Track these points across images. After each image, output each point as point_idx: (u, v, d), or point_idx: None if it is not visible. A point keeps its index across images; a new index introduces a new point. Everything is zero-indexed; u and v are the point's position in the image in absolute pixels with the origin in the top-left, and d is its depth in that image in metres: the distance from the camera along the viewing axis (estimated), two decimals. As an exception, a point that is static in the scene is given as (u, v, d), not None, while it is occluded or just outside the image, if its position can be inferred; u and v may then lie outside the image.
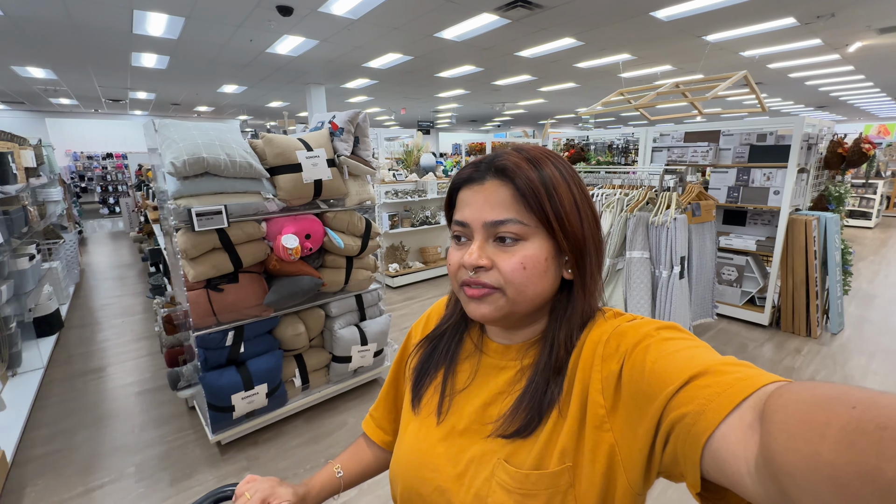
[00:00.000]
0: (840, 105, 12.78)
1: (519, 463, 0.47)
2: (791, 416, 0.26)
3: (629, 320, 0.48)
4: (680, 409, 0.35)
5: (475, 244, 0.49)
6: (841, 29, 5.51)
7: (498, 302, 0.48)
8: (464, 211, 0.50)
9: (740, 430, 0.31)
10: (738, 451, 0.30)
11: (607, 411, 0.44)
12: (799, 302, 3.29)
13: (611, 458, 0.43)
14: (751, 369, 0.35)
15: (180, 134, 1.76)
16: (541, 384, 0.48)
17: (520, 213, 0.47)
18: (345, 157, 2.19)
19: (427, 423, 0.56)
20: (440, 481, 0.51)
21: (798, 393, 0.27)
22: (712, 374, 0.35)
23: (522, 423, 0.47)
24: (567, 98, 11.43)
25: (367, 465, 0.70)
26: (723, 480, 0.32)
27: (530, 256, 0.47)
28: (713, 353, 0.40)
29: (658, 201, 2.32)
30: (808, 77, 8.54)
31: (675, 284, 2.24)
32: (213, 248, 1.86)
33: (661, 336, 0.42)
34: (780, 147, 3.21)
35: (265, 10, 4.64)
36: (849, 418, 0.23)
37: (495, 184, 0.48)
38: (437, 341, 0.61)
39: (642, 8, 4.75)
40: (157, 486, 1.83)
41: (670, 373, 0.38)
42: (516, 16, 4.92)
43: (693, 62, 7.22)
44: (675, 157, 3.72)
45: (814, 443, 0.24)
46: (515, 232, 0.47)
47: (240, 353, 2.02)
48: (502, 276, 0.47)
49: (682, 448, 0.35)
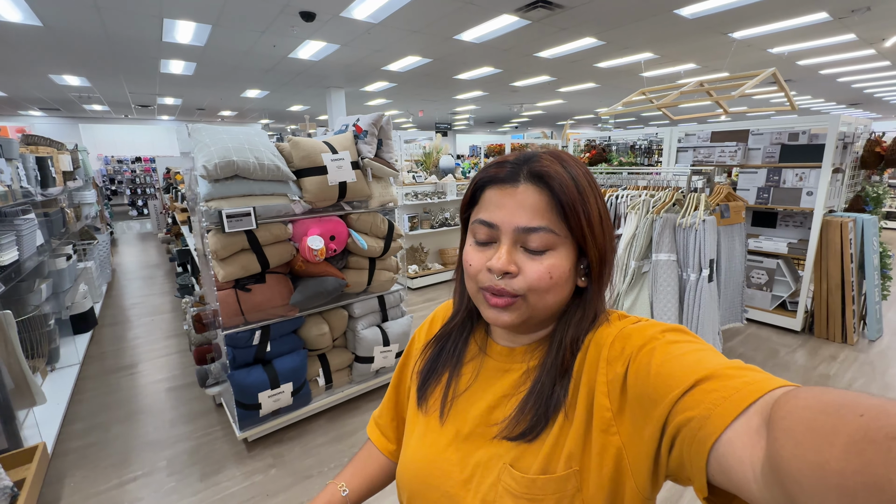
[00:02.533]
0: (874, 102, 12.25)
1: (525, 468, 0.46)
2: (798, 423, 0.26)
3: (634, 322, 0.48)
4: (685, 413, 0.35)
5: (503, 249, 0.47)
6: (877, 23, 5.29)
7: (520, 309, 0.48)
8: (493, 212, 0.49)
9: (746, 435, 0.31)
10: (745, 456, 0.30)
11: (613, 414, 0.43)
12: (834, 307, 3.16)
13: (618, 461, 0.43)
14: (758, 373, 0.35)
15: (212, 138, 1.81)
16: (546, 385, 0.48)
17: (553, 222, 0.47)
18: (368, 160, 2.22)
19: (432, 425, 0.56)
20: (447, 487, 0.51)
21: (805, 399, 0.27)
22: (718, 378, 0.35)
23: (528, 425, 0.47)
24: (586, 98, 11.30)
25: (373, 478, 0.68)
26: (729, 486, 0.32)
27: (557, 266, 0.47)
28: (719, 356, 0.39)
29: (686, 202, 2.26)
30: (841, 73, 8.22)
31: (703, 288, 2.19)
32: (241, 248, 1.91)
33: (667, 339, 0.42)
34: (813, 146, 3.10)
35: (288, 16, 4.74)
36: (857, 426, 0.23)
37: (531, 189, 0.47)
38: (443, 342, 0.60)
39: (666, 6, 4.65)
40: (187, 481, 1.88)
41: (675, 376, 0.37)
42: (536, 16, 4.89)
43: (718, 60, 7.05)
44: (702, 158, 3.63)
45: (821, 450, 0.23)
46: (547, 241, 0.47)
47: (266, 351, 2.06)
48: (527, 284, 0.47)
49: (687, 453, 0.35)
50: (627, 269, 2.34)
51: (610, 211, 2.51)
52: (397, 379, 0.69)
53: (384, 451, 0.69)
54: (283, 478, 1.89)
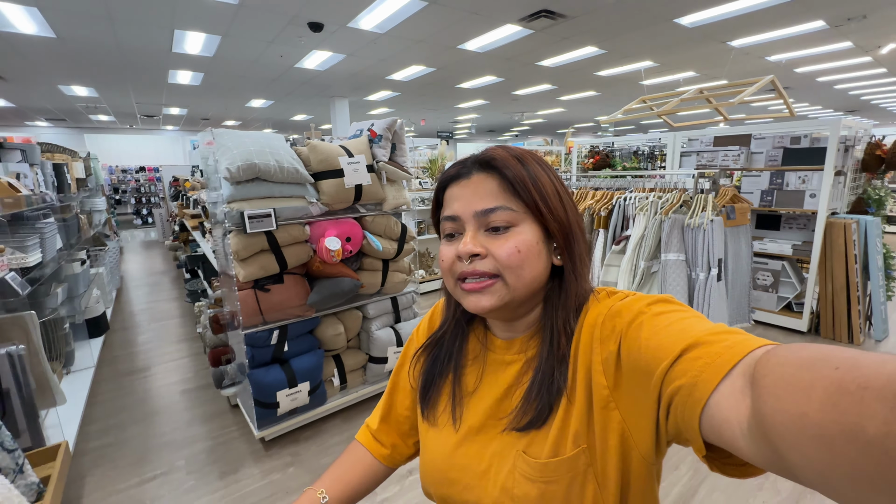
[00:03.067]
0: (872, 109, 12.40)
1: (536, 453, 0.48)
2: (779, 379, 0.27)
3: (622, 298, 0.49)
4: (675, 382, 0.37)
5: (468, 234, 0.50)
6: (873, 30, 5.40)
7: (499, 291, 0.49)
8: (452, 205, 0.52)
9: (732, 395, 0.32)
10: (732, 416, 0.32)
11: (610, 391, 0.45)
12: (839, 308, 3.20)
13: (621, 434, 0.45)
14: (739, 335, 0.37)
15: (234, 142, 1.87)
16: (547, 374, 0.49)
17: (508, 200, 0.49)
18: (383, 163, 2.27)
19: (446, 431, 0.57)
20: (468, 479, 0.53)
21: (784, 356, 0.29)
22: (703, 345, 0.37)
23: (534, 414, 0.49)
24: (587, 106, 11.43)
25: (357, 483, 0.66)
26: (721, 444, 0.34)
27: (523, 240, 0.49)
28: (704, 321, 0.41)
29: (693, 204, 2.31)
30: (838, 80, 8.35)
31: (712, 287, 2.23)
32: (261, 249, 1.95)
33: (653, 311, 0.44)
34: (815, 150, 3.16)
35: (297, 27, 4.84)
36: (832, 379, 0.24)
37: (482, 176, 0.50)
38: (437, 349, 0.61)
39: (666, 15, 4.76)
40: (206, 479, 1.90)
41: (664, 347, 0.39)
42: (539, 26, 4.99)
43: (717, 68, 7.16)
44: (705, 162, 3.69)
45: (800, 403, 0.25)
46: (506, 219, 0.49)
47: (283, 351, 2.09)
48: (498, 262, 0.48)
49: (681, 419, 0.37)
50: (637, 270, 2.38)
51: (618, 213, 2.58)
52: (393, 383, 0.70)
53: (378, 456, 0.69)
54: (302, 476, 1.91)
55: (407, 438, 0.69)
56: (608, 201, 2.66)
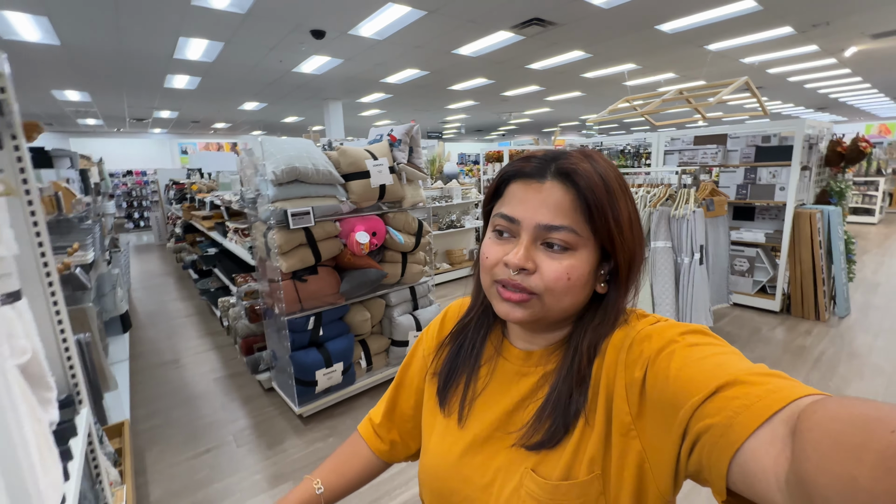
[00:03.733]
0: (840, 106, 13.07)
1: (547, 473, 0.46)
2: (825, 435, 0.25)
3: (653, 323, 0.47)
4: (707, 419, 0.35)
5: (522, 244, 0.47)
6: (836, 36, 5.84)
7: (533, 308, 0.47)
8: (515, 206, 0.48)
9: (771, 444, 0.30)
10: (768, 466, 0.30)
11: (633, 418, 0.43)
12: (807, 289, 3.56)
13: (639, 464, 0.43)
14: (783, 380, 0.34)
15: (276, 148, 2.09)
16: (563, 393, 0.47)
17: (576, 222, 0.46)
18: (403, 165, 2.52)
19: (451, 427, 0.56)
20: (468, 491, 0.51)
21: (834, 410, 0.27)
22: (742, 385, 0.34)
23: (546, 434, 0.47)
24: (572, 106, 11.80)
25: (353, 476, 0.67)
26: (750, 495, 0.32)
27: (576, 267, 0.46)
28: (743, 360, 0.39)
29: (678, 197, 2.62)
30: (807, 80, 8.86)
31: (696, 270, 2.53)
32: (300, 243, 2.18)
33: (687, 342, 0.42)
34: (783, 147, 3.52)
35: (300, 34, 5.03)
36: (888, 443, 0.22)
37: (556, 186, 0.47)
38: (461, 339, 0.59)
39: (649, 22, 5.10)
40: (257, 449, 2.13)
41: (697, 381, 0.37)
42: (531, 32, 5.28)
43: (695, 69, 7.57)
44: (686, 159, 4.02)
45: (849, 466, 0.23)
46: (567, 241, 0.46)
47: (319, 335, 2.32)
48: (543, 283, 0.46)
49: (707, 459, 0.35)
50: (629, 257, 2.68)
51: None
52: (399, 380, 0.68)
53: (375, 451, 0.68)
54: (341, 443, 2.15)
55: (407, 437, 0.68)
56: (602, 196, 2.96)
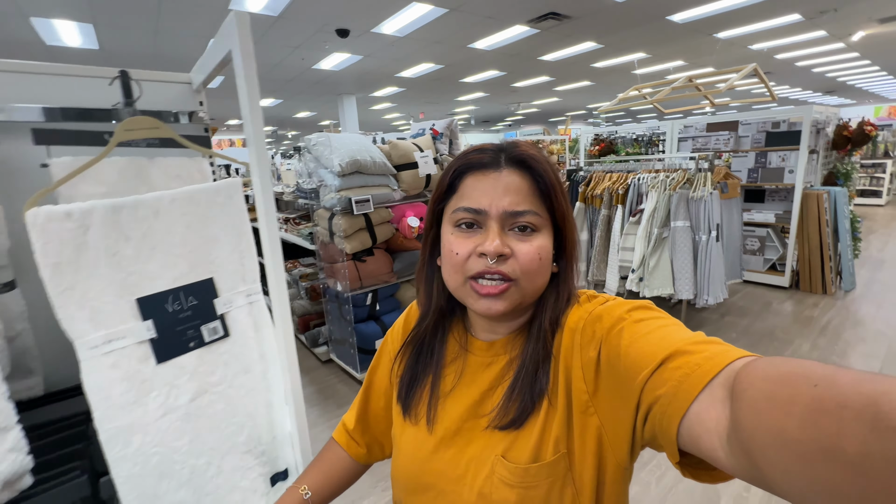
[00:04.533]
0: (848, 89, 13.08)
1: (517, 458, 0.48)
2: (759, 393, 0.28)
3: (602, 303, 0.49)
4: (655, 391, 0.37)
5: (493, 232, 0.48)
6: (843, 21, 5.97)
7: (512, 296, 0.49)
8: (477, 197, 0.49)
9: (712, 407, 0.33)
10: (711, 427, 0.32)
11: (590, 396, 0.45)
12: (815, 265, 3.80)
13: (599, 439, 0.45)
14: (719, 346, 0.37)
15: (339, 143, 2.36)
16: (531, 370, 0.49)
17: (536, 205, 0.49)
18: (445, 156, 2.78)
19: (421, 431, 0.56)
20: (442, 485, 0.52)
21: (765, 370, 0.29)
22: (683, 355, 0.37)
23: (517, 411, 0.48)
24: (580, 95, 11.93)
25: (338, 479, 0.68)
26: (698, 453, 0.34)
27: (544, 247, 0.49)
28: (683, 330, 0.42)
29: (695, 180, 2.86)
30: (815, 65, 8.96)
31: (712, 246, 2.79)
32: (360, 228, 2.46)
33: (633, 318, 0.44)
34: (792, 133, 3.73)
35: (325, 33, 5.27)
36: (812, 397, 0.24)
37: (514, 173, 0.49)
38: (419, 346, 0.59)
39: (660, 13, 5.27)
40: (328, 408, 2.43)
41: (644, 355, 0.39)
42: (546, 26, 5.48)
43: (704, 57, 7.71)
44: (700, 145, 4.25)
45: (780, 420, 0.25)
46: (533, 223, 0.48)
47: (376, 309, 2.61)
48: (519, 266, 0.48)
49: (659, 426, 0.37)
50: (651, 236, 2.93)
51: (633, 191, 3.13)
52: (368, 382, 0.68)
53: (353, 455, 0.69)
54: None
55: (382, 438, 0.68)
56: (624, 182, 3.20)
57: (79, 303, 0.66)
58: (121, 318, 0.70)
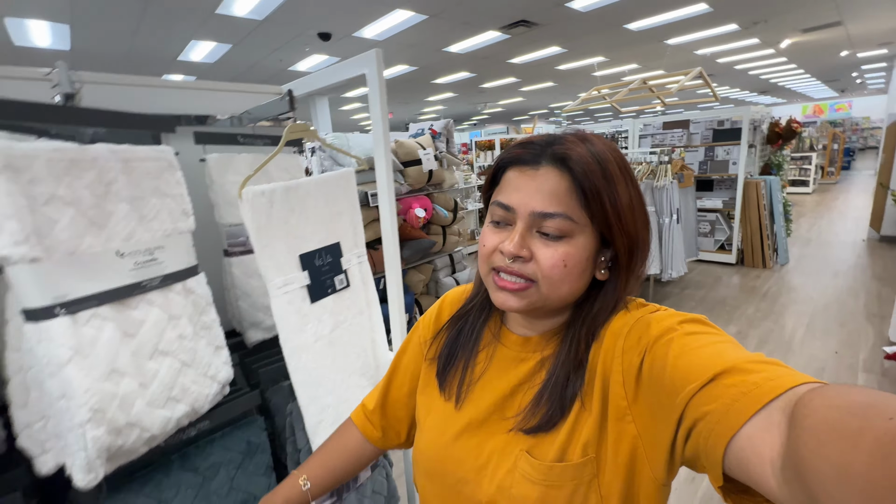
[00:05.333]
0: (779, 89, 14.48)
1: (541, 455, 0.46)
2: (822, 422, 0.25)
3: (652, 311, 0.47)
4: (703, 406, 0.35)
5: (517, 232, 0.47)
6: (773, 30, 6.78)
7: (531, 297, 0.47)
8: (510, 194, 0.48)
9: (767, 431, 0.30)
10: (764, 452, 0.30)
11: (629, 403, 0.43)
12: (755, 244, 4.41)
13: (633, 449, 0.43)
14: (780, 368, 0.34)
15: (355, 142, 2.62)
16: (561, 377, 0.48)
17: (572, 208, 0.45)
18: (444, 153, 3.09)
19: (448, 411, 0.56)
20: (462, 472, 0.51)
21: (831, 398, 0.27)
22: (739, 373, 0.34)
23: (543, 418, 0.47)
24: (543, 95, 12.54)
25: (340, 469, 0.67)
26: (746, 480, 0.32)
27: (573, 254, 0.46)
28: (739, 348, 0.39)
29: (657, 172, 3.33)
30: (751, 68, 9.95)
31: (674, 228, 3.26)
32: (373, 219, 2.72)
33: (685, 330, 0.42)
34: (734, 129, 4.32)
35: (307, 36, 5.41)
36: (884, 430, 0.22)
37: (551, 171, 0.46)
38: (461, 324, 0.60)
39: (618, 22, 5.81)
40: (351, 383, 2.68)
41: (694, 369, 0.37)
42: (517, 32, 5.88)
43: (655, 60, 8.42)
44: (658, 142, 4.79)
45: (846, 452, 0.23)
46: (563, 228, 0.45)
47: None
48: (540, 271, 0.46)
49: (703, 446, 0.35)
50: (622, 221, 3.38)
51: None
52: (394, 366, 0.68)
53: (368, 437, 0.68)
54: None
55: (399, 424, 0.68)
56: (597, 174, 3.64)
57: (270, 257, 0.93)
58: (290, 269, 0.97)
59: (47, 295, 0.62)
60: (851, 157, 14.40)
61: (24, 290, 0.61)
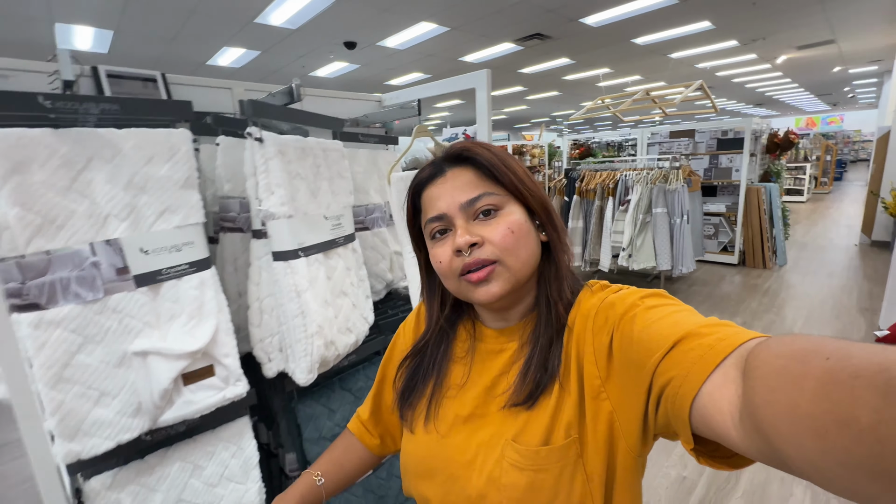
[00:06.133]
0: (774, 102, 14.97)
1: (527, 441, 0.48)
2: (770, 371, 0.28)
3: (616, 291, 0.50)
4: (667, 373, 0.37)
5: (459, 227, 0.50)
6: (770, 47, 7.16)
7: (503, 275, 0.50)
8: (435, 204, 0.52)
9: (724, 386, 0.32)
10: (723, 407, 0.32)
11: (602, 381, 0.46)
12: (756, 246, 4.72)
13: (610, 424, 0.46)
14: (731, 328, 0.37)
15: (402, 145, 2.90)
16: (545, 347, 0.50)
17: (488, 186, 0.51)
18: (477, 156, 3.37)
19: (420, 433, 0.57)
20: (452, 469, 0.53)
21: (776, 348, 0.29)
22: (695, 337, 0.37)
23: (534, 384, 0.49)
24: (547, 104, 12.91)
25: (350, 469, 0.70)
26: (712, 435, 0.34)
27: (513, 220, 0.50)
28: (695, 315, 0.42)
29: (669, 176, 3.62)
30: (748, 81, 10.37)
31: (685, 228, 3.55)
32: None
33: (646, 304, 0.44)
34: (737, 139, 4.65)
35: (333, 45, 5.70)
36: (824, 369, 0.24)
37: (457, 170, 0.52)
38: (420, 357, 0.61)
39: (626, 36, 6.15)
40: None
41: (656, 340, 0.39)
42: (531, 44, 6.21)
43: (658, 72, 8.79)
44: (665, 150, 5.10)
45: (793, 395, 0.25)
46: (492, 203, 0.50)
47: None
48: (496, 247, 0.49)
49: (671, 410, 0.37)
50: (637, 221, 3.66)
51: (621, 185, 3.86)
52: (381, 375, 0.70)
53: (367, 446, 0.70)
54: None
55: (395, 430, 0.70)
56: (613, 178, 3.93)
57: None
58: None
59: (294, 241, 0.88)
60: (843, 169, 14.88)
61: (279, 237, 0.87)
